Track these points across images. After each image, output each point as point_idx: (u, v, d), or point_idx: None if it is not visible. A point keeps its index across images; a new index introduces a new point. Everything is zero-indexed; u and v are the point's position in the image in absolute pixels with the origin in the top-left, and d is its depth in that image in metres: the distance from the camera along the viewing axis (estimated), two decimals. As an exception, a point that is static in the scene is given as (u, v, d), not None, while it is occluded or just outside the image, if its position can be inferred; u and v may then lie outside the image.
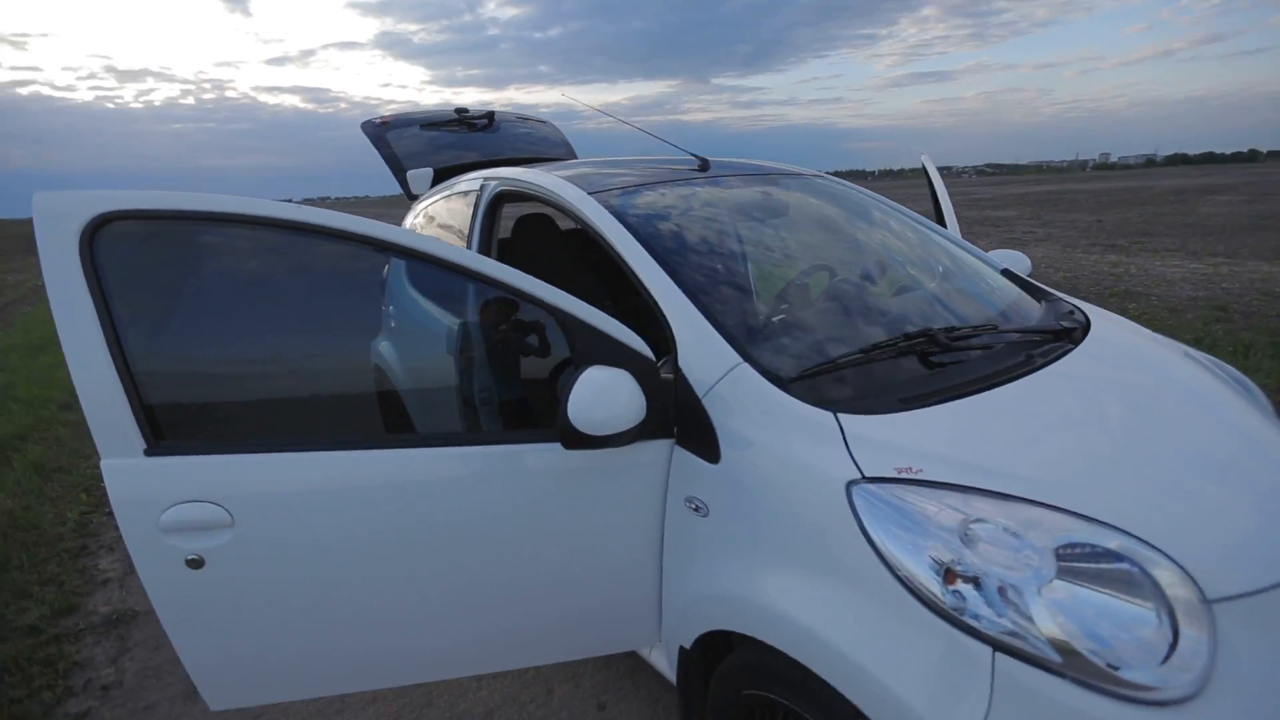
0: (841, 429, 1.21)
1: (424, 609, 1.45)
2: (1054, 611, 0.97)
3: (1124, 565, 1.02)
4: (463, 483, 1.37)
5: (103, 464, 1.27)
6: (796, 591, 1.18)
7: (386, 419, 1.46)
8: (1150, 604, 0.99)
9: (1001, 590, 1.00)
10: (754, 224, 2.04)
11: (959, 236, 2.41)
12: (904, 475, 1.12)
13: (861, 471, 1.14)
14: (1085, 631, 0.96)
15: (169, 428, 1.30)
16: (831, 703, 1.11)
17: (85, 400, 1.24)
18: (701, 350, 1.40)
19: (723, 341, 1.40)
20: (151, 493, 1.28)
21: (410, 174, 3.28)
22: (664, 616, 1.53)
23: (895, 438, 1.20)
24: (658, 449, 1.42)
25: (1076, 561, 1.02)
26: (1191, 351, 1.78)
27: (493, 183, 2.19)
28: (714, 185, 2.12)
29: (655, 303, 1.50)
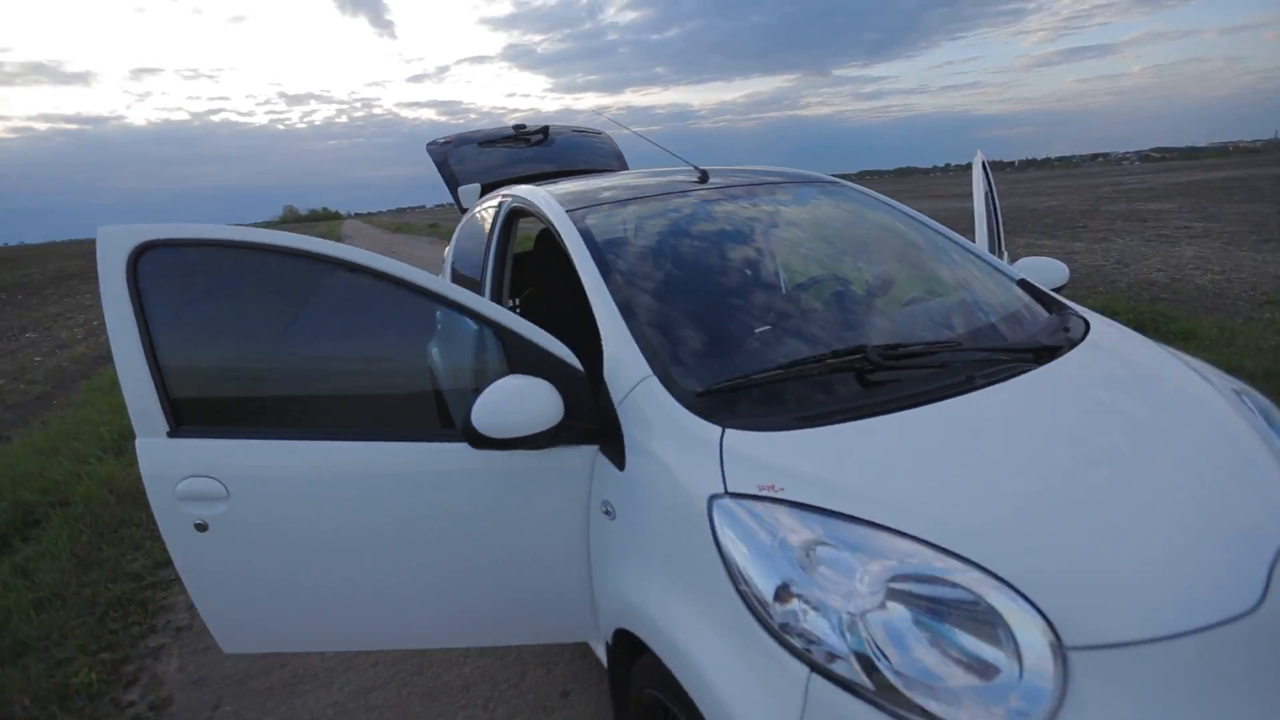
0: (721, 444, 1.23)
1: (378, 586, 1.63)
2: (876, 639, 0.95)
3: (968, 600, 0.97)
4: (408, 475, 1.54)
5: (136, 442, 1.57)
6: (668, 600, 1.23)
7: (350, 415, 1.66)
8: (990, 643, 0.94)
9: (828, 613, 0.99)
10: (726, 238, 2.05)
11: (981, 247, 2.25)
12: (764, 493, 1.13)
13: (726, 486, 1.16)
14: (907, 662, 0.94)
15: (187, 415, 1.57)
16: (691, 712, 1.15)
17: (126, 391, 1.54)
18: (621, 362, 1.47)
19: (639, 354, 1.45)
20: (170, 467, 1.56)
21: (461, 189, 3.56)
22: (595, 612, 1.61)
23: (773, 455, 1.20)
24: (584, 454, 1.50)
25: (915, 592, 0.99)
26: (1202, 371, 1.57)
27: (509, 199, 2.37)
28: (701, 199, 2.16)
29: (595, 314, 1.59)
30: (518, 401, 1.36)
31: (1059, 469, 1.19)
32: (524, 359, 1.48)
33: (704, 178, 2.27)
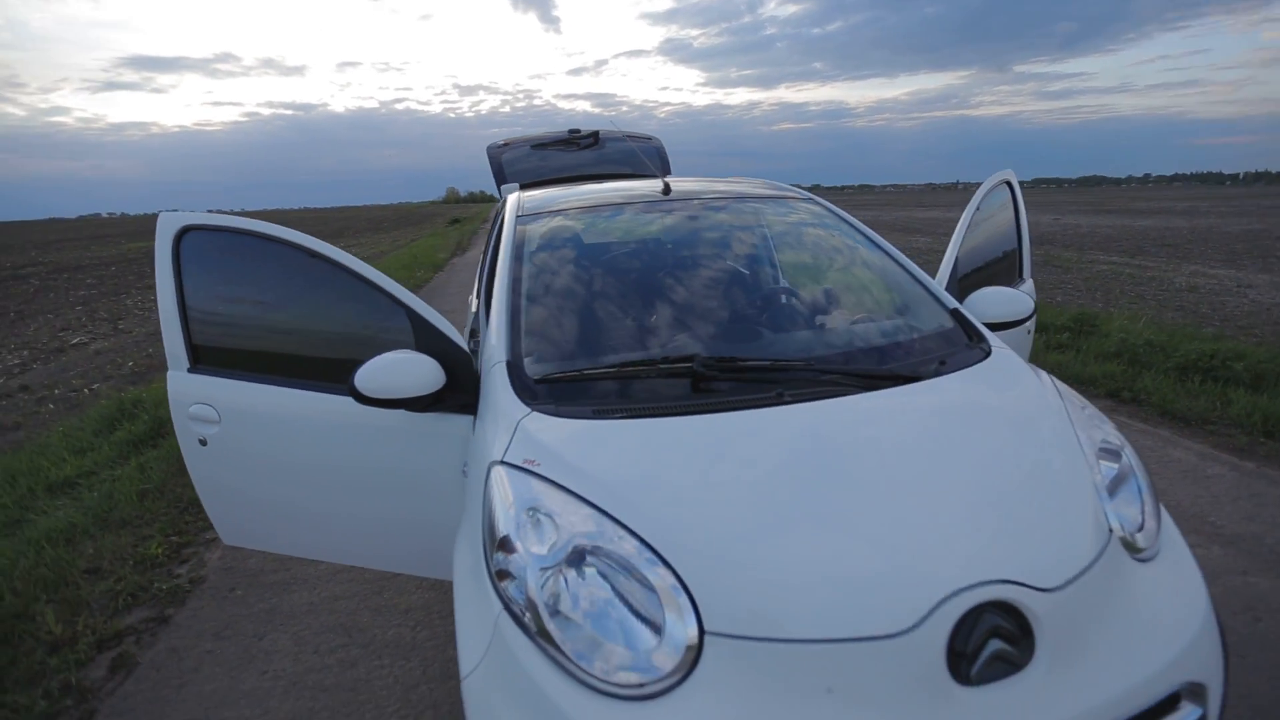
0: (520, 423, 1.46)
1: (314, 508, 2.04)
2: (550, 591, 1.15)
3: (635, 573, 1.14)
4: (334, 421, 1.92)
5: (167, 373, 2.09)
6: (463, 547, 1.49)
7: (304, 369, 2.06)
8: (644, 612, 1.11)
9: (524, 565, 1.20)
10: (641, 248, 2.22)
11: (917, 269, 2.22)
12: (526, 465, 1.35)
13: (504, 456, 1.39)
14: (569, 613, 1.12)
15: (202, 357, 2.06)
16: None
17: (164, 334, 2.06)
18: (490, 346, 1.75)
19: (504, 342, 1.72)
20: (186, 395, 2.06)
21: (503, 188, 3.97)
22: None
23: (551, 437, 1.41)
24: (464, 422, 1.79)
25: (593, 559, 1.17)
26: (1059, 428, 1.50)
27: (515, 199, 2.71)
28: (642, 212, 2.35)
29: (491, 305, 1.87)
30: (396, 370, 1.67)
31: (786, 485, 1.27)
32: (422, 336, 1.80)
33: (666, 189, 2.46)
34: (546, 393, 1.57)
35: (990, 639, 1.06)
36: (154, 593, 2.69)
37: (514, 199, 2.48)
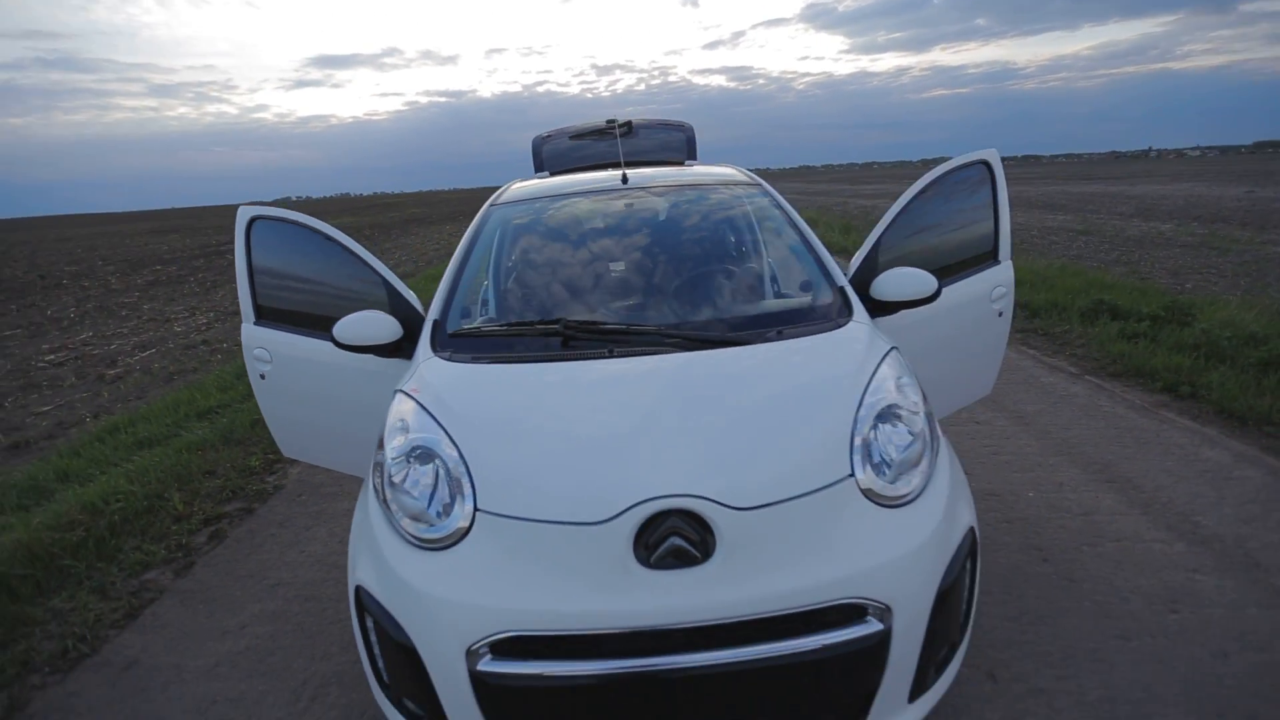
0: (422, 364, 1.96)
1: (331, 429, 2.69)
2: (396, 475, 1.64)
3: (435, 466, 1.59)
4: (334, 363, 2.53)
5: (242, 326, 2.85)
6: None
7: (319, 324, 2.70)
8: (443, 490, 1.56)
9: (383, 455, 1.69)
10: (580, 231, 2.61)
11: (825, 254, 2.42)
12: (411, 392, 1.84)
13: (402, 386, 1.89)
14: (403, 487, 1.60)
15: (264, 314, 2.79)
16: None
17: (239, 296, 2.82)
18: (434, 308, 2.26)
19: (439, 303, 2.23)
20: (252, 341, 2.79)
21: (536, 176, 4.50)
22: None
23: (438, 376, 1.89)
24: None
25: (426, 457, 1.63)
26: (838, 388, 1.72)
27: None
28: (595, 200, 2.75)
29: None
30: (363, 323, 2.23)
31: (575, 415, 1.66)
32: (393, 301, 2.36)
33: (624, 179, 2.83)
34: (452, 344, 2.06)
35: (671, 536, 1.40)
36: (247, 492, 3.58)
37: (505, 187, 2.96)
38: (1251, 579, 2.42)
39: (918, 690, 1.53)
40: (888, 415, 1.70)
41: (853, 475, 1.55)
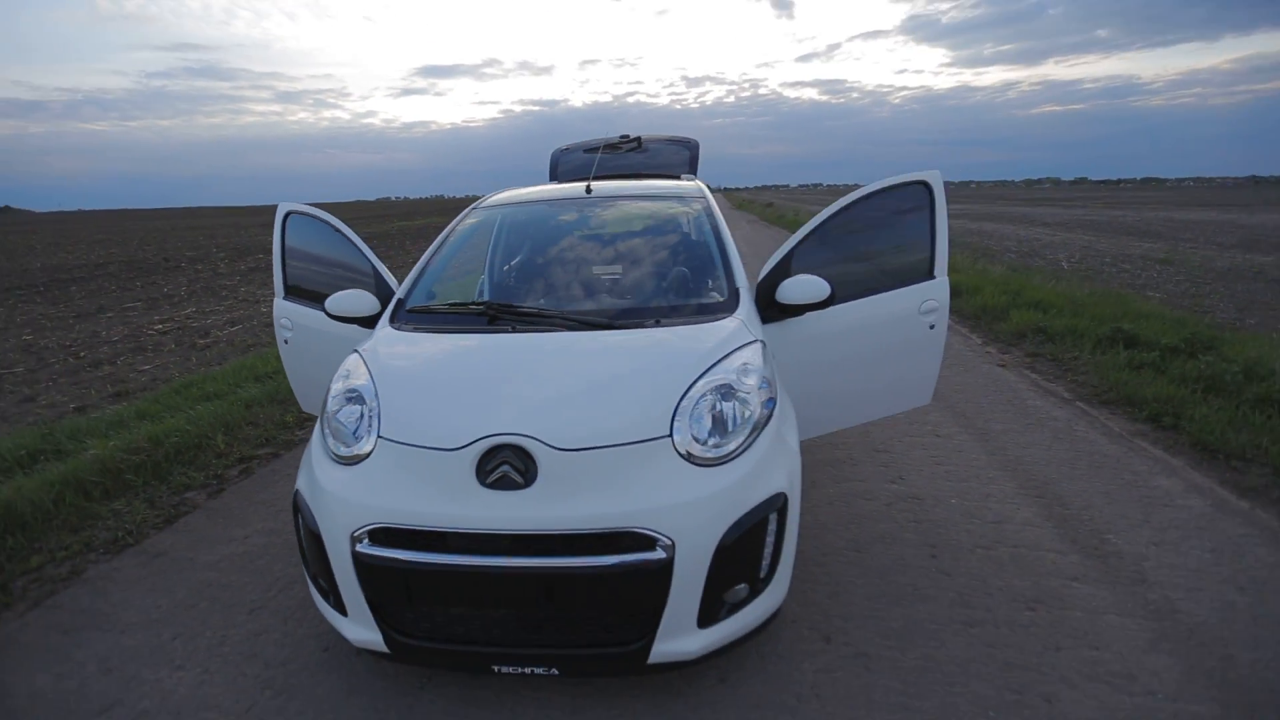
0: (379, 332, 2.47)
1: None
2: (331, 408, 2.14)
3: (361, 406, 2.07)
4: (330, 331, 3.10)
5: (275, 300, 3.49)
6: None
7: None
8: (355, 426, 2.04)
9: (329, 399, 2.19)
10: (538, 231, 3.06)
11: (735, 261, 2.75)
12: (361, 350, 2.34)
13: (359, 347, 2.40)
14: (337, 422, 2.10)
15: (291, 290, 3.43)
16: None
17: (273, 274, 3.47)
18: (401, 288, 2.78)
19: (406, 284, 2.74)
20: (280, 312, 3.43)
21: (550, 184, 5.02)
22: None
23: (386, 340, 2.40)
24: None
25: (355, 399, 2.12)
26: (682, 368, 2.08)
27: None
28: (558, 207, 3.20)
29: None
30: (348, 300, 2.78)
31: (472, 370, 2.11)
32: (378, 282, 2.90)
33: (588, 190, 3.28)
34: (407, 317, 2.56)
35: (500, 464, 1.81)
36: (278, 441, 4.26)
37: (487, 196, 3.47)
38: (1128, 592, 2.53)
39: (707, 619, 1.86)
40: (725, 393, 2.04)
41: (669, 436, 1.91)
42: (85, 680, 2.20)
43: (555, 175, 5.17)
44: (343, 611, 1.97)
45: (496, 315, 2.44)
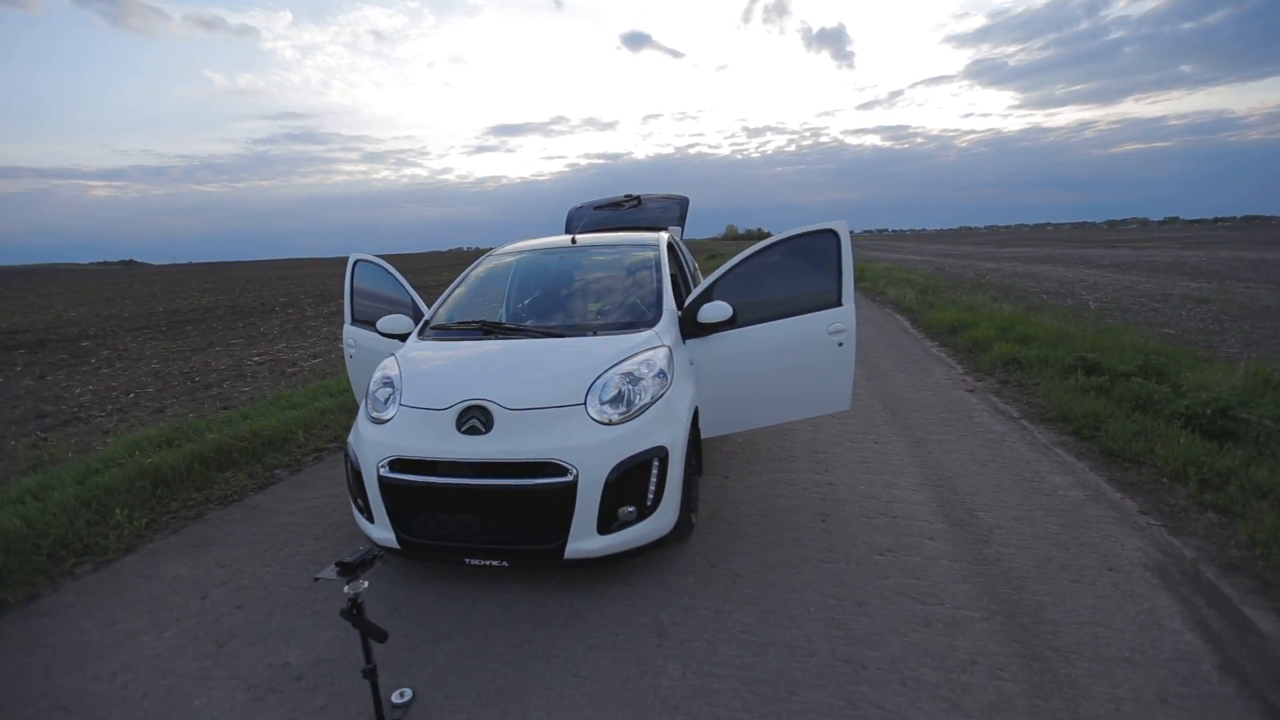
0: (410, 341, 3.55)
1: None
2: (375, 390, 3.19)
3: (390, 389, 3.11)
4: (383, 349, 4.22)
5: (345, 326, 4.69)
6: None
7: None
8: (389, 399, 3.07)
9: (370, 381, 3.25)
10: (531, 272, 4.11)
11: (668, 293, 3.70)
12: (395, 354, 3.41)
13: (395, 352, 3.47)
14: (375, 397, 3.15)
15: (355, 317, 4.62)
16: None
17: (345, 306, 4.68)
18: (428, 313, 3.88)
19: (433, 310, 3.84)
20: (347, 335, 4.62)
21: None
22: None
23: (413, 346, 3.47)
24: None
25: (387, 383, 3.16)
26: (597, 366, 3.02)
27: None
28: (545, 254, 4.28)
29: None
30: (391, 323, 3.90)
31: (467, 364, 3.12)
32: (414, 309, 4.03)
33: (573, 241, 4.34)
34: (429, 332, 3.64)
35: (471, 418, 2.79)
36: (344, 439, 5.40)
37: (499, 246, 4.59)
38: (968, 548, 3.21)
39: (604, 528, 2.75)
40: (629, 378, 2.97)
41: (583, 404, 2.84)
42: (207, 570, 3.28)
43: (569, 228, 6.30)
44: (371, 520, 2.97)
45: (486, 329, 3.48)
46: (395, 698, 2.24)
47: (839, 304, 3.81)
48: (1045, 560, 3.07)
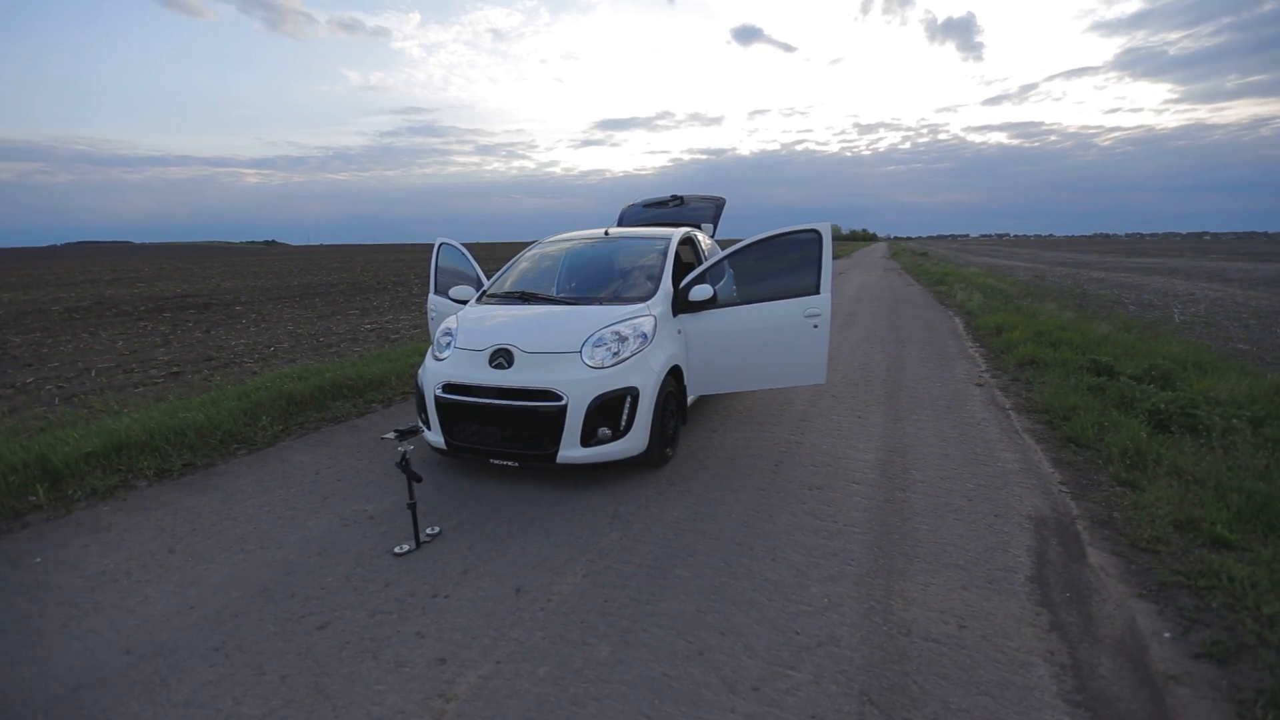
0: (470, 303, 4.72)
1: None
2: (437, 337, 4.37)
3: (450, 336, 4.27)
4: (451, 310, 5.45)
5: (429, 296, 5.99)
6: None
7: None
8: (448, 344, 4.24)
9: (435, 331, 4.43)
10: (567, 256, 5.17)
11: (667, 275, 4.63)
12: (456, 314, 4.58)
13: (458, 311, 4.65)
14: (438, 345, 4.32)
15: (438, 288, 5.90)
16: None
17: (430, 279, 5.97)
18: (485, 284, 5.05)
19: (488, 283, 5.01)
20: (431, 303, 5.91)
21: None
22: None
23: (471, 308, 4.64)
24: None
25: (449, 331, 4.33)
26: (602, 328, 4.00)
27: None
28: (580, 244, 5.33)
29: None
30: (459, 292, 5.13)
31: (508, 321, 4.23)
32: (478, 281, 5.24)
33: (606, 233, 5.39)
34: (485, 299, 4.80)
35: (499, 358, 3.88)
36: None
37: (548, 237, 5.71)
38: (885, 491, 3.93)
39: (587, 443, 3.75)
40: (617, 335, 3.96)
41: (579, 352, 3.86)
42: (319, 459, 4.61)
43: (621, 222, 7.33)
44: (429, 428, 4.14)
45: (523, 297, 4.58)
46: (428, 530, 3.37)
47: (817, 292, 4.60)
48: (944, 505, 3.74)
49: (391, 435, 3.47)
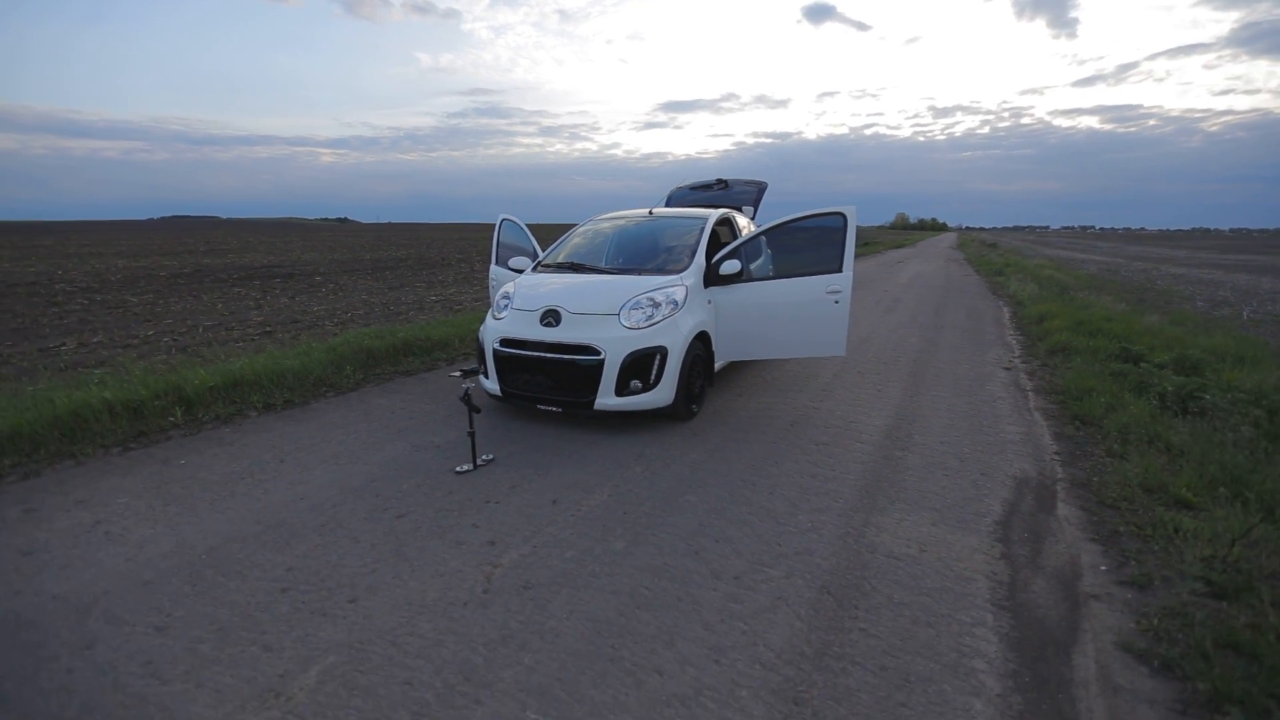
0: (528, 271, 5.38)
1: None
2: (496, 299, 5.04)
3: (508, 299, 4.93)
4: (509, 278, 6.13)
5: (490, 266, 6.70)
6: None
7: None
8: (506, 306, 4.90)
9: (495, 295, 5.10)
10: (616, 233, 5.74)
11: (700, 250, 5.14)
12: (515, 279, 5.24)
13: (514, 281, 5.31)
14: (498, 305, 5.00)
15: (499, 259, 6.60)
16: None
17: (492, 251, 6.69)
18: (540, 255, 5.70)
19: (545, 252, 5.67)
20: (492, 273, 6.63)
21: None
22: None
23: (527, 275, 5.32)
24: None
25: (507, 296, 5.00)
26: (646, 293, 4.56)
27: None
28: (626, 221, 5.90)
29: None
30: (517, 262, 5.80)
31: (560, 287, 4.86)
32: (535, 253, 5.91)
33: (650, 213, 5.94)
34: (540, 268, 5.46)
35: (548, 317, 4.51)
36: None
37: (603, 213, 6.30)
38: (885, 450, 4.36)
39: (620, 393, 4.35)
40: (652, 301, 4.53)
41: (618, 315, 4.44)
42: (394, 403, 5.38)
43: (668, 203, 7.85)
44: (488, 377, 4.82)
45: (573, 267, 5.19)
46: (483, 457, 4.05)
47: (840, 270, 5.02)
48: (937, 463, 4.15)
49: (457, 374, 4.32)
